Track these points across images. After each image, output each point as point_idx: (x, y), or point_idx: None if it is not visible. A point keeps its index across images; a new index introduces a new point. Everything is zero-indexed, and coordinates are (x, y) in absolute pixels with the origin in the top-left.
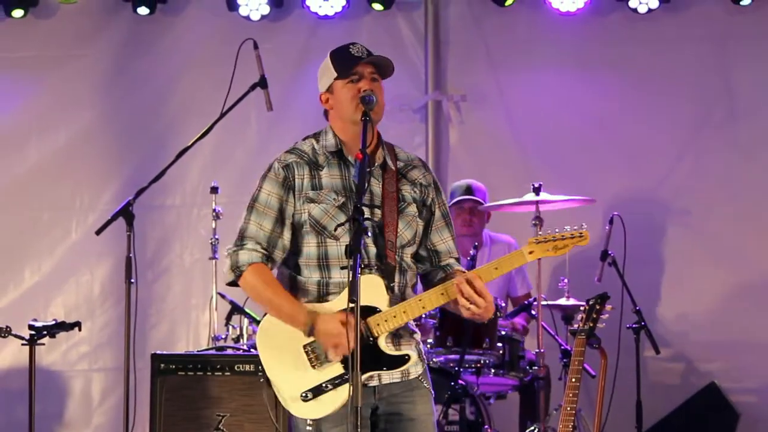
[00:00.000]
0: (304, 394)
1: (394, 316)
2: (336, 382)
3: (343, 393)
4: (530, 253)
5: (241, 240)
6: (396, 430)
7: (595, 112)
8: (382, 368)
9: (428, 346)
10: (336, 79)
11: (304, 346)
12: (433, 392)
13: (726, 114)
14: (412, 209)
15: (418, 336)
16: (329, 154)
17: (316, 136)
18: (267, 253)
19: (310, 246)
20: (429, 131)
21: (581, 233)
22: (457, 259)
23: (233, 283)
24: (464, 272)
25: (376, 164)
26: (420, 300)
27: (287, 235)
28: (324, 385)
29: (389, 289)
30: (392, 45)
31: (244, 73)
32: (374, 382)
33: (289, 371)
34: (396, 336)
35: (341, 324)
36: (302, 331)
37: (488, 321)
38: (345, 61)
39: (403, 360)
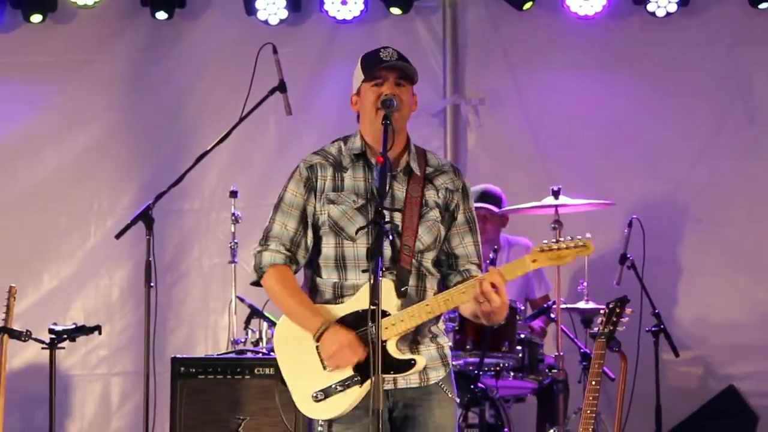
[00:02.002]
0: (315, 395)
1: (402, 320)
2: (346, 383)
3: (352, 395)
4: (534, 261)
5: (265, 240)
6: None
7: (613, 116)
8: (389, 372)
9: (449, 348)
10: (363, 81)
11: (317, 347)
12: (457, 400)
13: (744, 117)
14: (434, 214)
15: (442, 340)
16: (353, 156)
17: (346, 138)
18: (290, 254)
19: (328, 247)
20: (447, 135)
21: (584, 243)
22: (479, 266)
23: (256, 283)
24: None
25: (399, 169)
26: (427, 305)
27: (310, 235)
28: (334, 386)
29: (400, 293)
30: (410, 49)
31: (263, 78)
32: (389, 386)
33: (303, 371)
34: (413, 341)
35: (343, 343)
36: (312, 336)
37: (506, 322)
38: (372, 64)
39: (410, 364)
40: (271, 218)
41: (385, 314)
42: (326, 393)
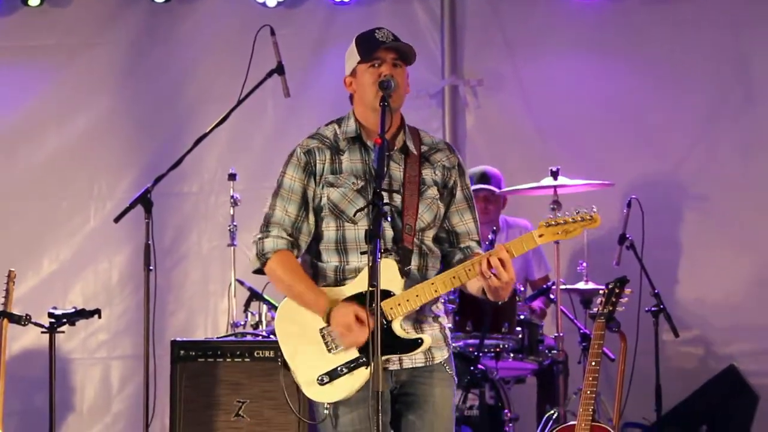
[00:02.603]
0: (320, 378)
1: (407, 300)
2: (351, 366)
3: (359, 377)
4: (540, 236)
5: (266, 227)
6: (409, 412)
7: (611, 96)
8: (396, 352)
9: (448, 329)
10: (359, 63)
11: (321, 330)
12: (455, 379)
13: (743, 98)
14: (433, 192)
15: (443, 320)
16: (349, 139)
17: (339, 121)
18: (292, 239)
19: (329, 230)
20: (445, 116)
21: (591, 216)
22: (479, 242)
23: (259, 271)
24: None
25: (395, 149)
26: (432, 284)
27: (311, 219)
28: (339, 368)
29: (404, 272)
30: (409, 30)
31: (261, 60)
32: (395, 366)
33: (306, 355)
34: (417, 321)
35: (355, 317)
36: (322, 317)
37: (506, 303)
38: (368, 45)
39: (416, 344)
40: (271, 204)
41: (389, 294)
42: (331, 376)
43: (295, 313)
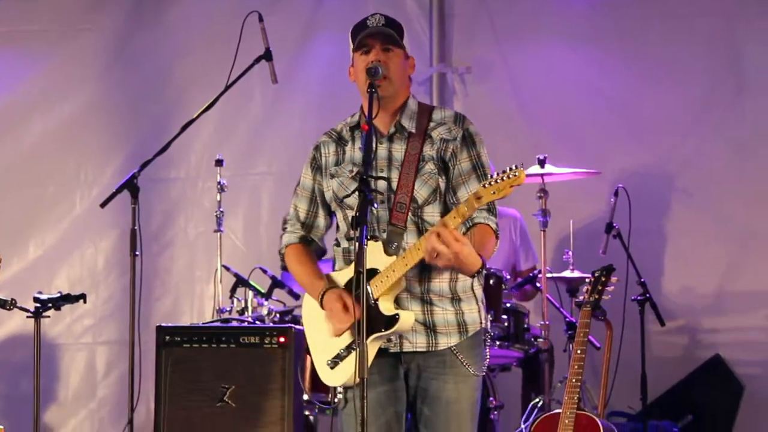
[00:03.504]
0: (329, 363)
1: (387, 276)
2: (350, 348)
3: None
4: (478, 198)
5: (284, 224)
6: (424, 404)
7: (600, 85)
8: (381, 329)
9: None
10: (353, 51)
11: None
12: (477, 373)
13: (735, 89)
14: (429, 166)
15: (466, 305)
16: (352, 129)
17: (354, 114)
18: (304, 234)
19: (340, 221)
20: (433, 104)
21: (516, 173)
22: (489, 210)
23: (284, 267)
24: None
25: (390, 132)
26: (404, 257)
27: (322, 212)
28: (341, 352)
29: (389, 251)
30: (397, 17)
31: (249, 46)
32: (394, 349)
33: (320, 341)
34: (425, 301)
35: (342, 303)
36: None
37: (491, 291)
38: (357, 33)
39: (393, 320)
40: (292, 203)
41: (376, 273)
42: (336, 360)
43: (312, 301)
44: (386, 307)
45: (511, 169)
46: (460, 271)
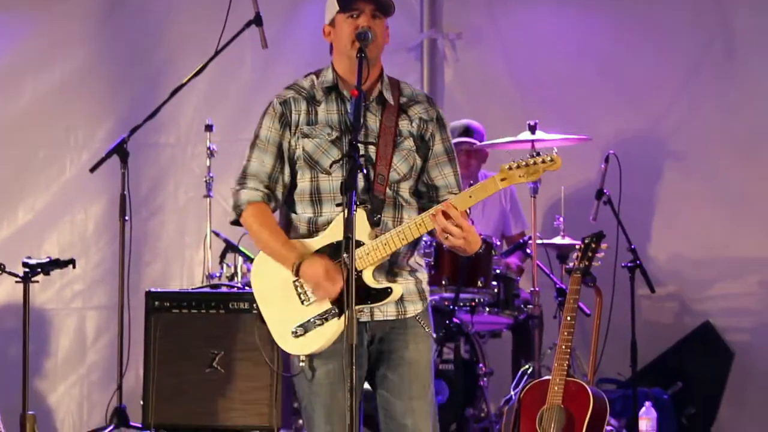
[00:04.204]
0: (294, 330)
1: (376, 249)
2: (324, 317)
3: (331, 328)
4: (502, 180)
5: (243, 178)
6: (386, 368)
7: (591, 50)
8: (367, 302)
9: (426, 284)
10: (338, 12)
11: (294, 282)
12: (433, 335)
13: (724, 53)
14: (409, 143)
15: (421, 275)
16: (326, 90)
17: (318, 72)
18: (268, 191)
19: (303, 181)
20: (424, 70)
21: (552, 158)
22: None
23: (236, 222)
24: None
25: (371, 98)
26: (400, 231)
27: (287, 170)
28: (312, 320)
29: (374, 222)
30: None
31: (239, 12)
32: (365, 318)
33: (281, 307)
34: (390, 272)
35: (323, 270)
36: (291, 271)
37: (481, 257)
38: None
39: (386, 293)
40: (248, 156)
41: (359, 244)
42: (305, 328)
43: (269, 266)
44: (371, 280)
45: (545, 153)
46: (462, 251)
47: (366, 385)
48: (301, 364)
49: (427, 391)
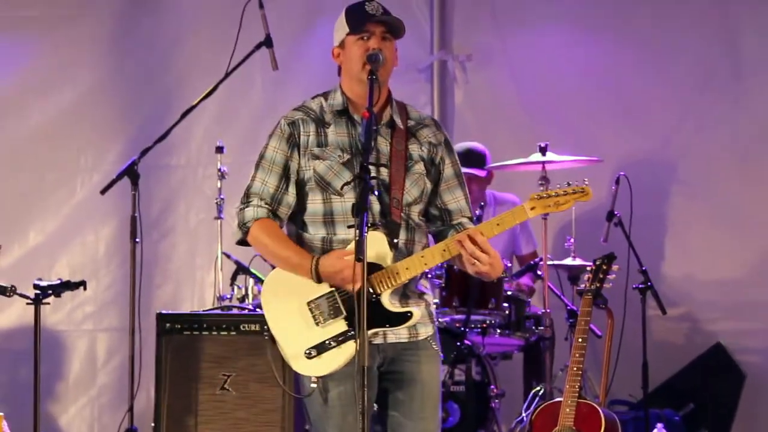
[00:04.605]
0: (308, 352)
1: (397, 273)
2: (339, 339)
3: (346, 350)
4: (532, 209)
5: (246, 198)
6: (397, 389)
7: (601, 72)
8: (385, 325)
9: (434, 306)
10: (348, 34)
11: (309, 303)
12: (442, 355)
13: (730, 73)
14: (420, 167)
15: (429, 298)
16: (335, 112)
17: (326, 94)
18: (272, 209)
19: (315, 203)
20: (434, 91)
21: (583, 189)
22: (471, 219)
23: (242, 242)
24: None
25: (382, 123)
26: (422, 257)
27: (292, 191)
28: (328, 342)
29: (393, 245)
30: (398, 4)
31: (249, 33)
32: (379, 340)
33: (294, 328)
34: (404, 296)
35: (340, 258)
36: (311, 278)
37: (495, 280)
38: (358, 17)
39: (406, 317)
40: (252, 176)
41: (379, 268)
42: (319, 349)
43: (282, 286)
44: (389, 303)
45: (574, 183)
46: (486, 277)
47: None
48: (312, 385)
49: (437, 412)
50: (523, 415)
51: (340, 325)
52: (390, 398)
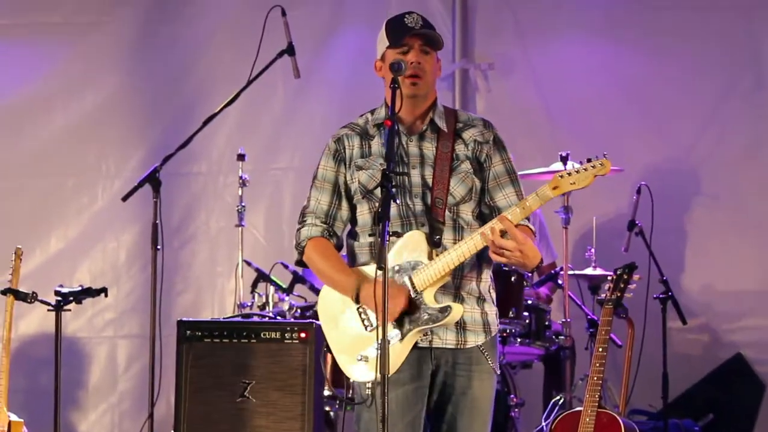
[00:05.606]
0: (359, 357)
1: (436, 270)
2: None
3: (394, 353)
4: (554, 188)
5: (302, 217)
6: (447, 402)
7: (622, 81)
8: (428, 323)
9: (495, 317)
10: (388, 48)
11: (358, 309)
12: (497, 371)
13: (754, 82)
14: (466, 166)
15: (489, 307)
16: (379, 125)
17: (373, 110)
18: (327, 226)
19: (363, 214)
20: (456, 100)
21: (602, 162)
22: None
23: (300, 262)
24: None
25: (424, 128)
26: (457, 248)
27: (345, 206)
28: (377, 347)
29: (434, 243)
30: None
31: (272, 41)
32: (425, 344)
33: (346, 336)
34: (458, 297)
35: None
36: (352, 299)
37: (513, 288)
38: (397, 31)
39: (444, 310)
40: (308, 196)
41: (418, 264)
42: (369, 354)
43: (333, 296)
44: (432, 300)
45: (596, 158)
46: (522, 266)
47: None
48: (367, 391)
49: (486, 429)
50: (543, 424)
51: (388, 330)
52: (440, 411)
